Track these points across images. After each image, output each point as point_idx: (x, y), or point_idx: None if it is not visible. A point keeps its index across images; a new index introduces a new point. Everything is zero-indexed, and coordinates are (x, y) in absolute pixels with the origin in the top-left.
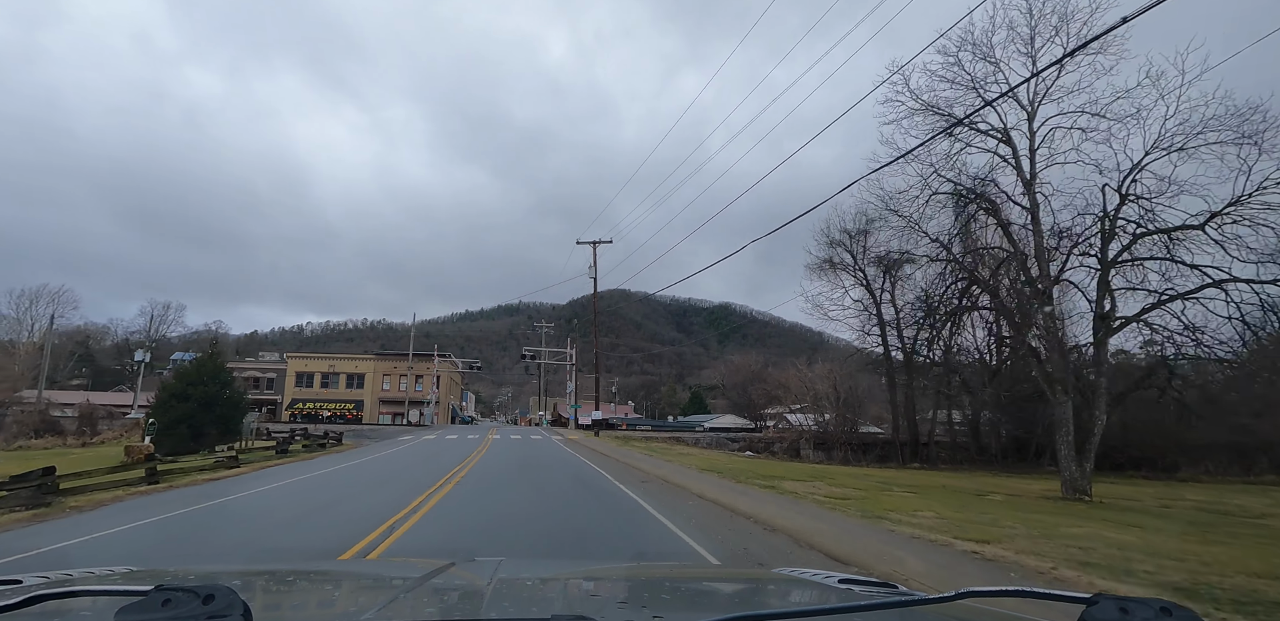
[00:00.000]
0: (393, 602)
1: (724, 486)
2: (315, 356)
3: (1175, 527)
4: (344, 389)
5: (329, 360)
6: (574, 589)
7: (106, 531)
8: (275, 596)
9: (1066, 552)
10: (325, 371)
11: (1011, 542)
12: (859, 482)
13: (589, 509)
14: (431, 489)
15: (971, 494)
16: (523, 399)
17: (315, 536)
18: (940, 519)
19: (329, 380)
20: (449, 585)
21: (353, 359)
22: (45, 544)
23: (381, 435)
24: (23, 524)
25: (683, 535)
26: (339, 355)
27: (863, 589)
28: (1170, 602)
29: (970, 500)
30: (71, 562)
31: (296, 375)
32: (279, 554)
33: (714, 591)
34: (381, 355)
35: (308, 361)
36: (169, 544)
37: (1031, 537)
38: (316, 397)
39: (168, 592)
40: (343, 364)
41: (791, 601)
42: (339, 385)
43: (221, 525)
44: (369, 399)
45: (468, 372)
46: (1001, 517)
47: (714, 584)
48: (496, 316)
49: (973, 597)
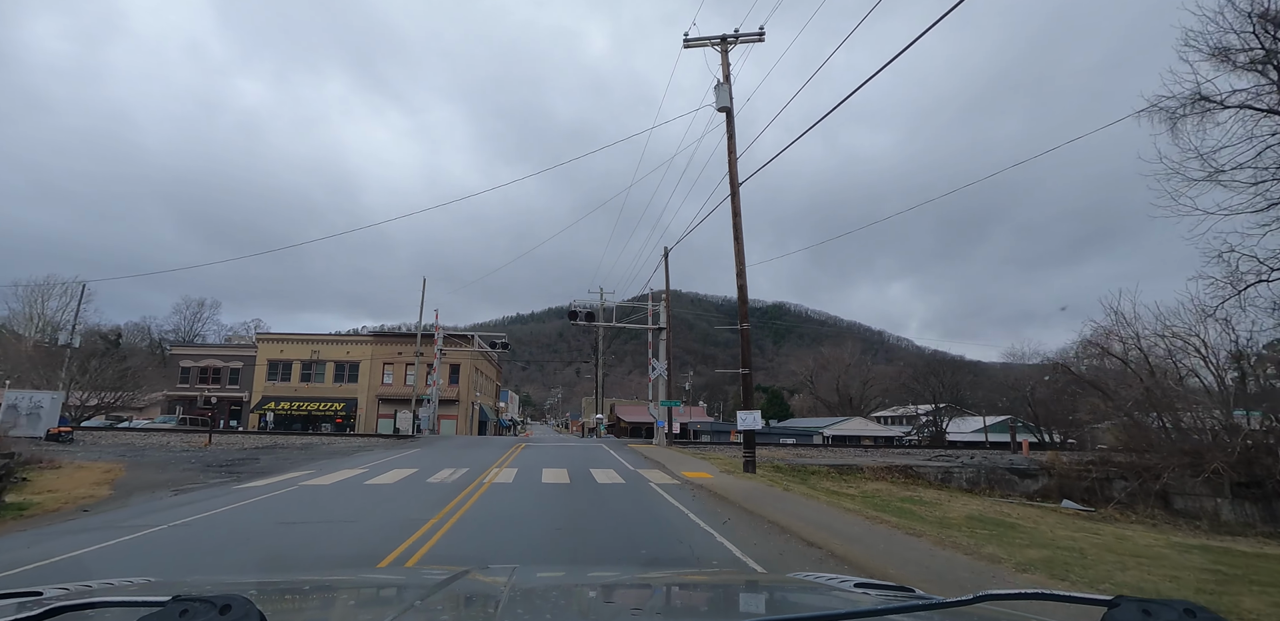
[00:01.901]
0: (408, 611)
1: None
2: (293, 338)
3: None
4: (331, 383)
5: (311, 343)
6: (588, 596)
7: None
8: (290, 605)
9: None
10: (307, 359)
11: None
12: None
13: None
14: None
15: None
16: (574, 401)
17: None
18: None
19: (311, 371)
20: (464, 593)
21: (342, 341)
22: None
23: (242, 468)
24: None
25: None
26: (325, 336)
27: (879, 593)
28: (1194, 604)
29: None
30: (90, 573)
31: (269, 364)
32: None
33: (728, 597)
34: (381, 336)
35: (283, 345)
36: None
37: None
38: (295, 395)
39: (185, 603)
40: (330, 349)
41: (807, 606)
42: (325, 378)
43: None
44: (364, 396)
45: (502, 357)
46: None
47: (728, 589)
48: (547, 319)
49: (991, 600)
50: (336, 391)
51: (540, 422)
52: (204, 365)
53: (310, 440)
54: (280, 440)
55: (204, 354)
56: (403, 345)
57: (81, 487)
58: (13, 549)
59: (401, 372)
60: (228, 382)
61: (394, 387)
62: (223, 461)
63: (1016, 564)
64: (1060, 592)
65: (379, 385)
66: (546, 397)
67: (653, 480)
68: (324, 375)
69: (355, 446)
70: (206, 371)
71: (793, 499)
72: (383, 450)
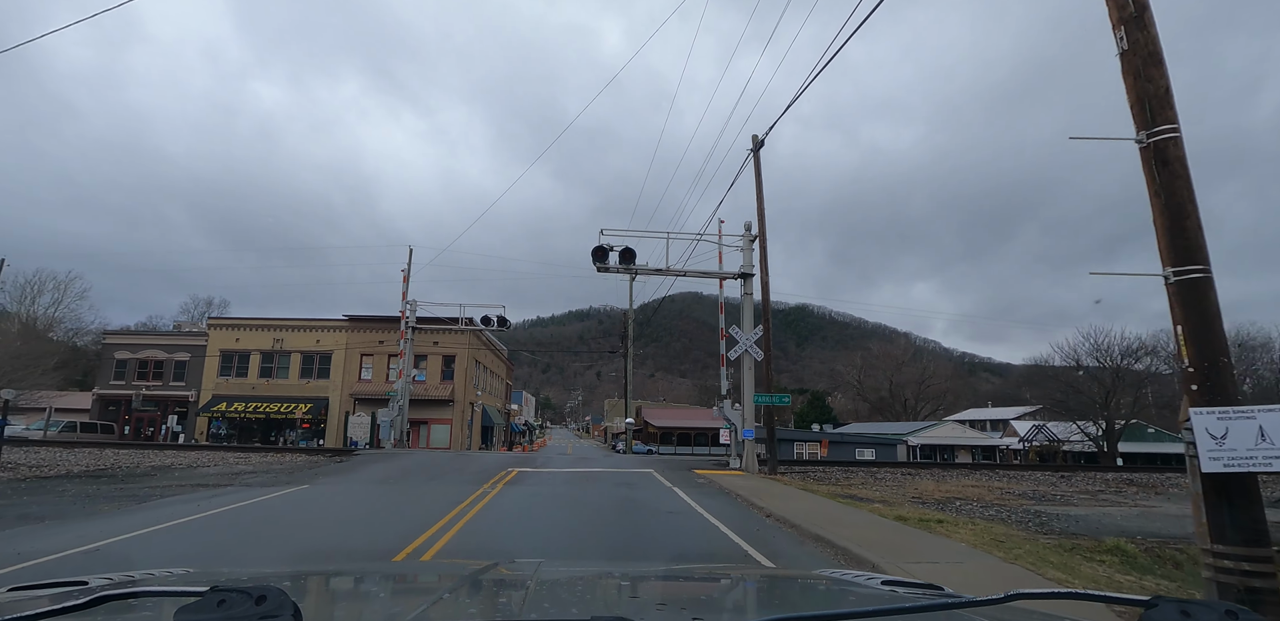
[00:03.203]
0: (436, 603)
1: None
2: (251, 323)
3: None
4: (296, 379)
5: (273, 330)
6: (614, 589)
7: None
8: (323, 596)
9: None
10: (268, 349)
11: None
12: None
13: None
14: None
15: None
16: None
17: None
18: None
19: (273, 364)
20: (491, 586)
21: (311, 327)
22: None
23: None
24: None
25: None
26: (290, 320)
27: (907, 591)
28: (1236, 606)
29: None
30: (134, 564)
31: (221, 356)
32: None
33: (755, 592)
34: (359, 320)
35: (239, 333)
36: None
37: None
38: (252, 394)
39: (223, 593)
40: (296, 336)
41: (834, 603)
42: (289, 372)
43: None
44: (337, 395)
45: (516, 355)
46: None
47: (754, 585)
48: (567, 322)
49: (1023, 599)
50: (303, 389)
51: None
52: (143, 357)
53: (169, 461)
54: (115, 461)
55: (143, 343)
56: (385, 332)
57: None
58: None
59: (383, 366)
60: (171, 378)
61: (374, 384)
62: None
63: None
64: (1095, 592)
65: (355, 381)
66: (567, 400)
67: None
68: (288, 369)
69: (227, 473)
70: (146, 365)
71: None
72: (251, 488)
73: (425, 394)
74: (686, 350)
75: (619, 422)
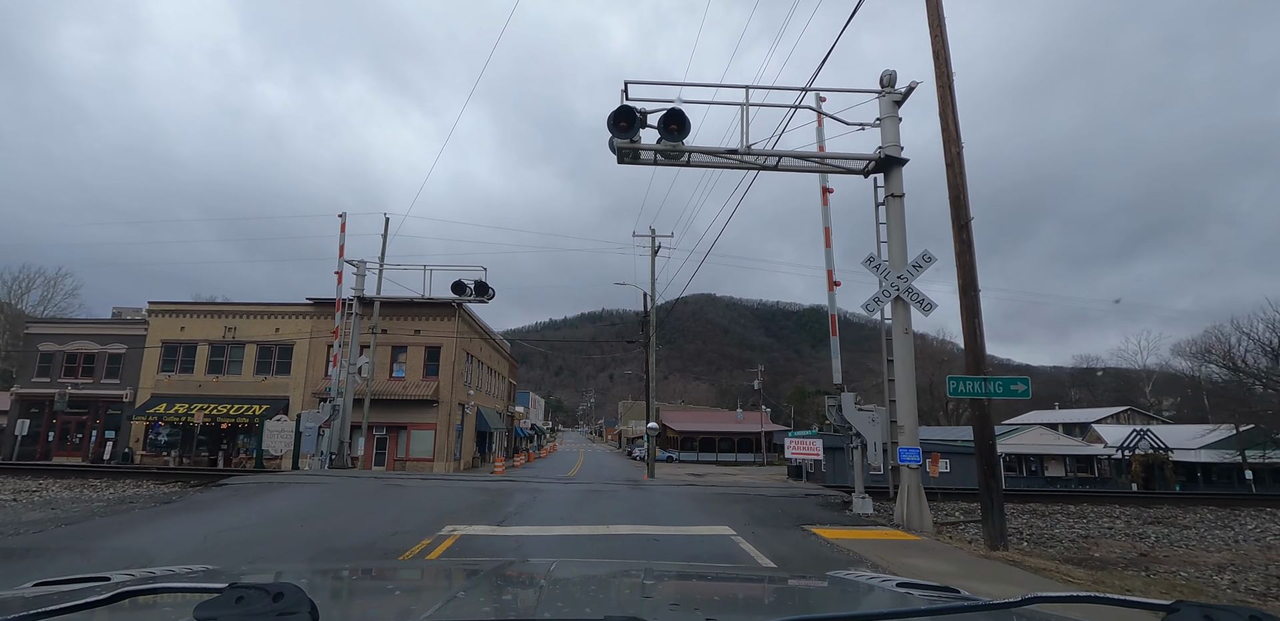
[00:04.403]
0: (451, 601)
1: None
2: (199, 309)
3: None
4: (252, 375)
5: (225, 316)
6: (627, 589)
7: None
8: (339, 594)
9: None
10: (218, 340)
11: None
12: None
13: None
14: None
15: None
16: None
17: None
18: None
19: (225, 357)
20: (505, 585)
21: (269, 313)
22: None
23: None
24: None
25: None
26: (244, 306)
27: (922, 593)
28: (1261, 611)
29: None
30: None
31: (164, 347)
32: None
33: (769, 593)
34: (325, 304)
35: (185, 320)
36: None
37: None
38: (199, 393)
39: (241, 590)
40: (252, 324)
41: (848, 604)
42: (244, 367)
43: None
44: (299, 394)
45: (522, 352)
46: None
47: (769, 586)
48: (579, 324)
49: (1041, 603)
50: (260, 387)
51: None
52: (72, 349)
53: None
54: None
55: (72, 333)
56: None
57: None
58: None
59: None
60: (104, 374)
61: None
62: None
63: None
64: (1114, 596)
65: (321, 378)
66: (579, 403)
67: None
68: (242, 363)
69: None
70: (75, 359)
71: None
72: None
73: (404, 392)
74: (701, 352)
75: (634, 426)
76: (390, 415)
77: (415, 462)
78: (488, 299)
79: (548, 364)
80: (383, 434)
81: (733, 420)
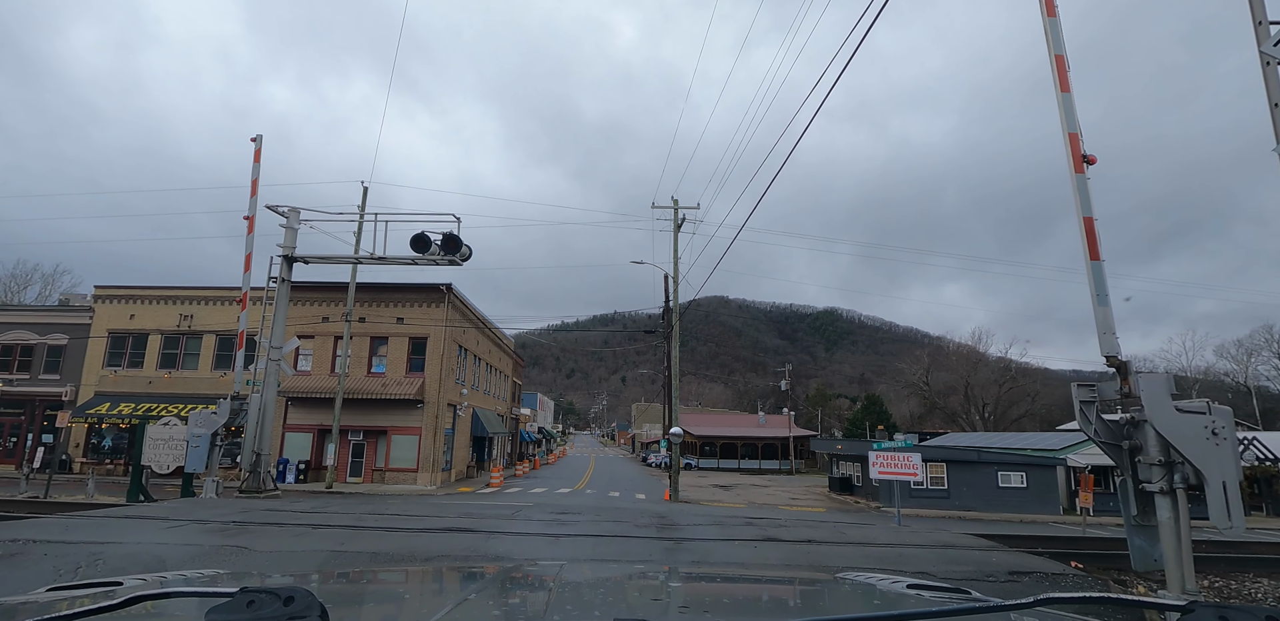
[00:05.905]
0: (461, 603)
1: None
2: (151, 294)
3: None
4: (209, 370)
5: (181, 302)
6: (636, 591)
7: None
8: (350, 597)
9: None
10: (172, 329)
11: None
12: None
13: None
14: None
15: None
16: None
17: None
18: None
19: (179, 349)
20: (514, 588)
21: (231, 298)
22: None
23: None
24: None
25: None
26: (202, 289)
27: (933, 594)
28: (1277, 611)
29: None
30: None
31: (110, 338)
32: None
33: (778, 595)
34: (294, 287)
35: (135, 307)
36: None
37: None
38: (149, 391)
39: (252, 594)
40: (211, 311)
41: (860, 606)
42: (201, 361)
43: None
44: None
45: (524, 349)
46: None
47: (778, 587)
48: (591, 327)
49: (1053, 604)
50: (218, 384)
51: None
52: (7, 340)
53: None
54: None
55: (8, 322)
56: (330, 304)
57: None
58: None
59: (327, 353)
60: (42, 370)
61: (313, 379)
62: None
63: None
64: (1127, 597)
65: (294, 371)
66: (591, 406)
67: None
68: (198, 356)
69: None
70: (11, 351)
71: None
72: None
73: (383, 391)
74: (714, 355)
75: (649, 430)
76: (368, 418)
77: (397, 473)
78: (461, 259)
79: (559, 366)
80: (359, 439)
81: (754, 424)
